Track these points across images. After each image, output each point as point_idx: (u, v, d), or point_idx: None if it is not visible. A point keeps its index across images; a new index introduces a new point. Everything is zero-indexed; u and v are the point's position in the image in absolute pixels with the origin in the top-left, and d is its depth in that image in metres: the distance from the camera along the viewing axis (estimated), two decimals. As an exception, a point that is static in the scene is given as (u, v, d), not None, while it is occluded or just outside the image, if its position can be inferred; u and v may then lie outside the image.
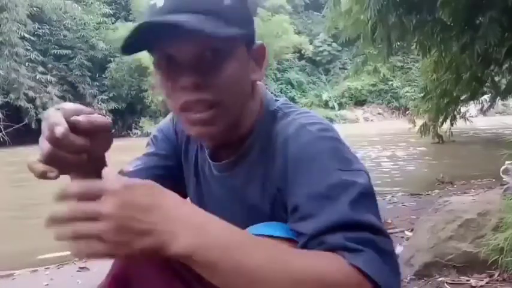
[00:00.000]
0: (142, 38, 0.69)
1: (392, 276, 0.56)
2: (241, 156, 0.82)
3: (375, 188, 0.68)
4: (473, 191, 3.72)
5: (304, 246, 0.61)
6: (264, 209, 0.79)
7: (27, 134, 20.13)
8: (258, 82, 0.83)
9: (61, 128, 0.62)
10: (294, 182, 0.68)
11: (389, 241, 0.60)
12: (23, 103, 20.11)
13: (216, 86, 0.71)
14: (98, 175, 0.77)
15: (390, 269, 0.57)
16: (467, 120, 10.69)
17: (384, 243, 0.58)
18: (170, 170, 0.95)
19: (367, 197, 0.64)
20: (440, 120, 9.97)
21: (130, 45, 0.70)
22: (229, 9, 0.71)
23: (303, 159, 0.69)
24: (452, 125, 10.25)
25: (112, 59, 24.31)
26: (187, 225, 0.54)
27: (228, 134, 0.78)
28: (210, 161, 0.87)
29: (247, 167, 0.81)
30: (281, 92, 31.57)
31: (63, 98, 22.58)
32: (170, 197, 0.56)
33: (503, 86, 9.61)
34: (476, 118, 14.56)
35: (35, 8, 21.69)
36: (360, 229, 0.58)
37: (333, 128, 0.76)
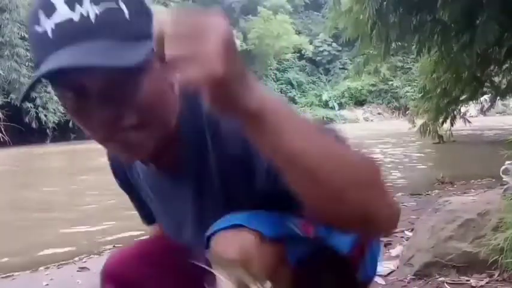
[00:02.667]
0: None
1: None
2: (178, 155, 0.79)
3: None
4: (473, 191, 3.72)
5: None
6: (216, 186, 0.79)
7: (27, 134, 20.18)
8: None
9: None
10: None
11: None
12: (23, 103, 20.12)
13: (136, 108, 0.66)
14: None
15: None
16: (466, 120, 10.69)
17: None
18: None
19: None
20: (440, 120, 9.97)
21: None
22: (131, 24, 0.64)
23: None
24: (452, 125, 10.26)
25: (112, 59, 24.33)
26: (259, 86, 0.55)
27: (162, 143, 0.74)
28: (151, 170, 0.86)
29: (188, 159, 0.80)
30: (281, 92, 31.62)
31: (63, 98, 22.62)
32: None
33: (504, 86, 9.63)
34: (476, 118, 14.57)
35: (35, 8, 21.70)
36: None
37: None
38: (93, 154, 13.12)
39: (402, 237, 2.69)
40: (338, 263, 0.81)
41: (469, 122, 10.82)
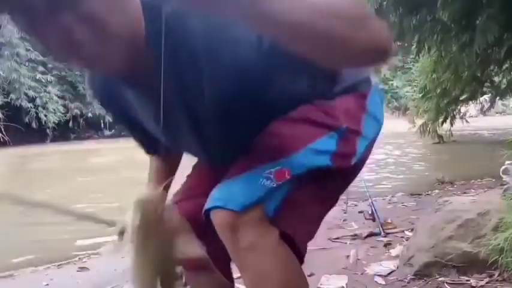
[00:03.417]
0: None
1: None
2: (153, 67, 0.76)
3: (375, 188, 0.72)
4: (473, 191, 3.73)
5: None
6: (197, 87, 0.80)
7: (27, 134, 20.19)
8: None
9: None
10: None
11: None
12: (24, 103, 20.16)
13: (90, 14, 0.63)
14: None
15: None
16: (465, 120, 10.70)
17: None
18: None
19: None
20: (440, 120, 9.98)
21: None
22: None
23: None
24: (452, 125, 10.26)
25: (112, 58, 24.33)
26: None
27: (131, 53, 0.72)
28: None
29: (160, 69, 0.77)
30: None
31: (63, 98, 22.62)
32: None
33: (504, 86, 9.63)
34: (476, 118, 14.57)
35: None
36: None
37: None
38: (93, 154, 13.16)
39: (402, 237, 2.69)
40: (325, 176, 0.85)
41: (467, 121, 10.82)
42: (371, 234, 2.77)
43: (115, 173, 8.13)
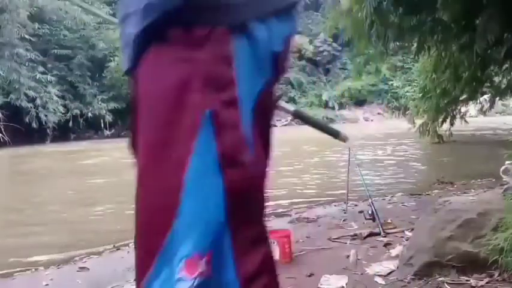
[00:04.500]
0: None
1: None
2: None
3: (375, 188, 0.69)
4: (473, 191, 3.72)
5: None
6: None
7: (27, 134, 20.17)
8: None
9: None
10: None
11: None
12: (23, 103, 20.14)
13: None
14: None
15: None
16: (464, 120, 10.70)
17: None
18: None
19: None
20: (440, 120, 9.99)
21: None
22: None
23: None
24: (452, 125, 10.27)
25: (112, 58, 24.32)
26: None
27: None
28: None
29: None
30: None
31: (63, 98, 22.60)
32: None
33: (504, 86, 9.65)
34: (476, 118, 14.57)
35: (35, 8, 21.71)
36: None
37: None
38: (93, 154, 13.14)
39: (402, 237, 2.69)
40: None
41: (466, 122, 10.83)
42: (371, 234, 2.77)
43: (115, 173, 8.12)
